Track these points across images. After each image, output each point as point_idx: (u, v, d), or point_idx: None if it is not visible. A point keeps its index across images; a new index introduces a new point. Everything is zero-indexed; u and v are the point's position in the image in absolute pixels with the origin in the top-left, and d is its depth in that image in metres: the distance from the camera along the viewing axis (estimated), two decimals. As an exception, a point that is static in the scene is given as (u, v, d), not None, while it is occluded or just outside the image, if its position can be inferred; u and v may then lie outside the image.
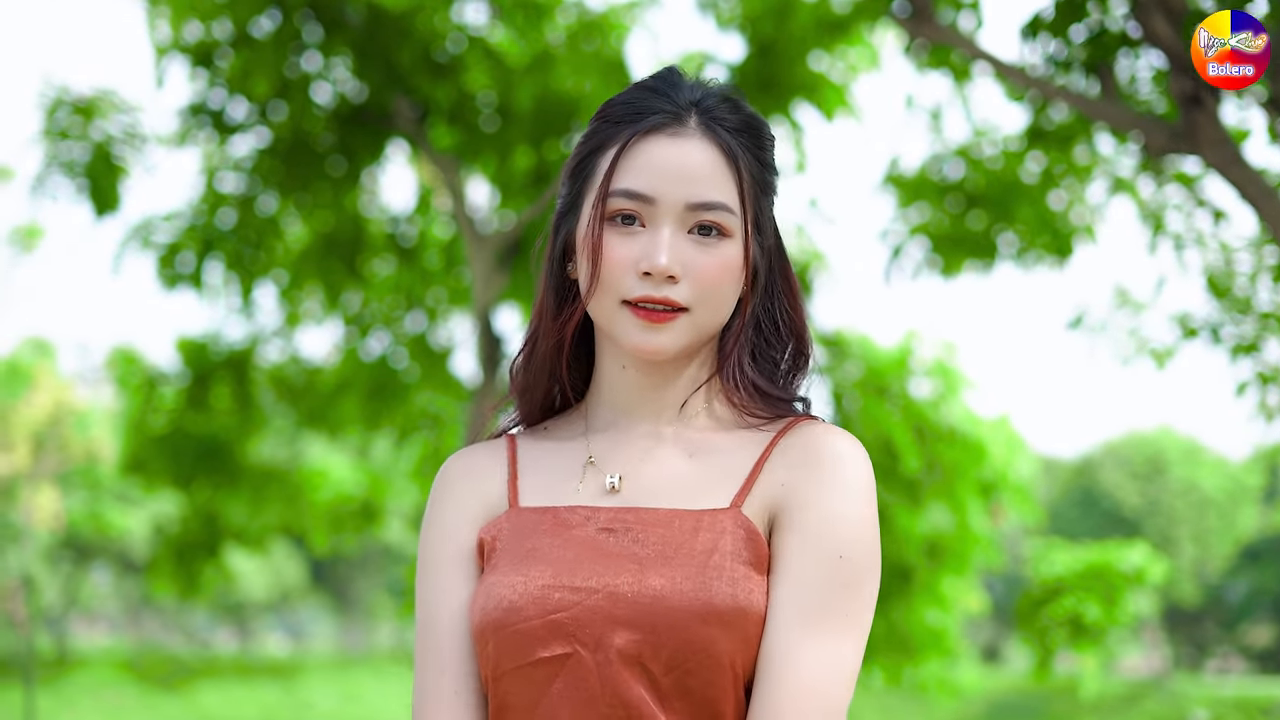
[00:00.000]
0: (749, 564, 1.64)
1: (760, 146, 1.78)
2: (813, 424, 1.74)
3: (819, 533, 1.64)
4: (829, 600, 1.62)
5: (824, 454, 1.68)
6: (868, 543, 1.66)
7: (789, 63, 7.72)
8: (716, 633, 1.62)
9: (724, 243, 1.72)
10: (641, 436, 1.80)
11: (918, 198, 7.66)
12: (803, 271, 9.11)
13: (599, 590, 1.66)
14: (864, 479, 1.68)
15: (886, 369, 8.56)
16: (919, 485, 8.06)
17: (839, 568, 1.63)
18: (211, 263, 9.13)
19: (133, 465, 10.43)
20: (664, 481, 1.74)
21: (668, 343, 1.72)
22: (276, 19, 8.20)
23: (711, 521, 1.67)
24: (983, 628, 40.50)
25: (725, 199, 1.72)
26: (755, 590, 1.63)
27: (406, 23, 8.24)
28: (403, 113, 8.48)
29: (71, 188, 9.03)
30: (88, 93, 9.05)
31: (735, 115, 1.77)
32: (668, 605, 1.62)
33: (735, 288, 1.75)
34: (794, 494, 1.67)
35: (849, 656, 1.62)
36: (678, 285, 1.71)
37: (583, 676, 1.65)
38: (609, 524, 1.72)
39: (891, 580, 7.87)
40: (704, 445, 1.76)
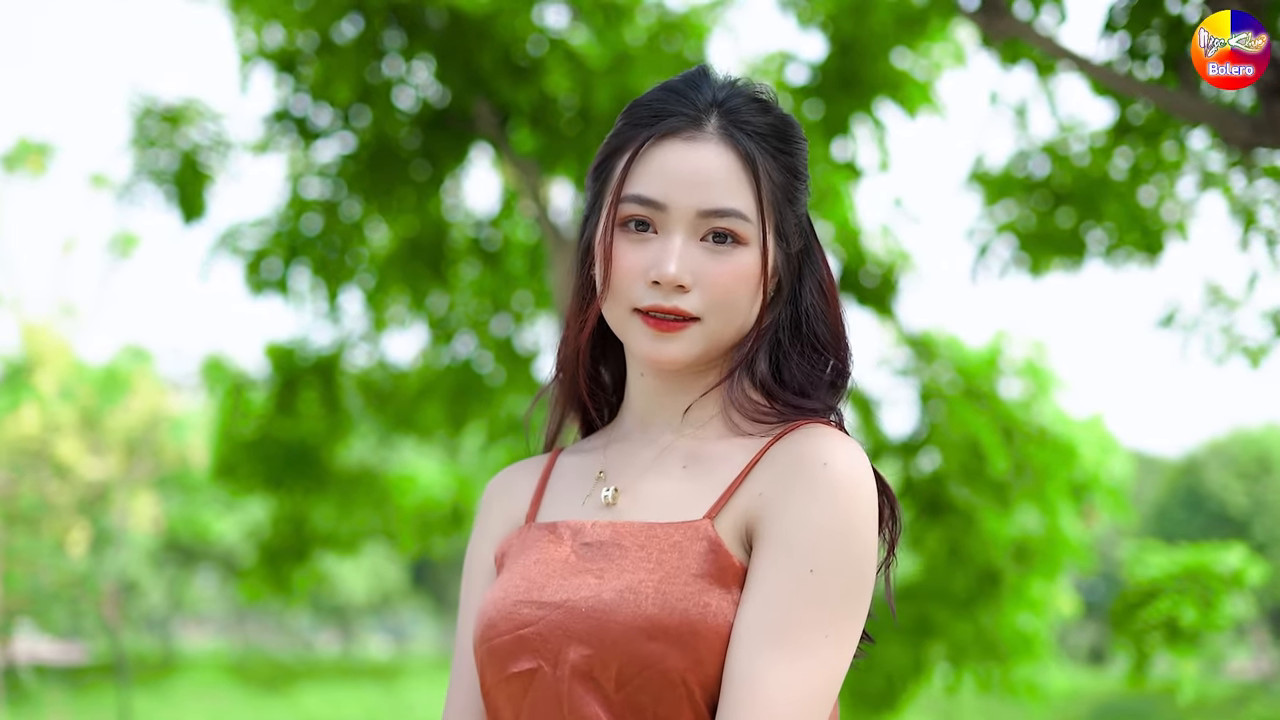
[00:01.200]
0: (708, 578, 1.58)
1: (787, 150, 1.72)
2: (809, 430, 1.65)
3: (789, 545, 1.57)
4: (797, 618, 1.54)
5: (805, 461, 1.60)
6: (845, 556, 1.56)
7: (870, 60, 7.64)
8: (663, 649, 1.57)
9: (739, 250, 1.66)
10: (651, 446, 1.76)
11: (1003, 195, 7.54)
12: (888, 272, 9.02)
13: (560, 606, 1.64)
14: (847, 488, 1.58)
15: (975, 370, 8.45)
16: (1008, 487, 7.94)
17: (809, 583, 1.55)
18: (297, 268, 9.20)
19: (223, 470, 10.52)
20: (656, 493, 1.70)
21: (679, 352, 1.68)
22: (359, 24, 8.24)
23: (678, 534, 1.62)
24: (1086, 630, 40.02)
25: (740, 205, 1.66)
26: (712, 605, 1.56)
27: (487, 26, 8.23)
28: (484, 116, 8.49)
29: (160, 195, 9.15)
30: (175, 101, 9.16)
31: (761, 117, 1.71)
32: (615, 620, 1.59)
33: (752, 296, 1.69)
34: (770, 504, 1.60)
35: (817, 678, 1.53)
36: (688, 294, 1.66)
37: (546, 692, 1.63)
38: (591, 538, 1.69)
39: (980, 584, 7.77)
40: (701, 455, 1.70)
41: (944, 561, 7.88)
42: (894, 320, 8.96)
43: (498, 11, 8.20)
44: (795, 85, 8.11)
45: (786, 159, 1.71)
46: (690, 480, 1.68)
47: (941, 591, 7.81)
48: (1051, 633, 8.27)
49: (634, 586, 1.60)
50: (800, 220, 1.75)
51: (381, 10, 8.09)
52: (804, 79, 8.05)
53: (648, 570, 1.61)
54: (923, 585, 7.91)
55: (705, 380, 1.76)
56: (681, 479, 1.69)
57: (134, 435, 26.97)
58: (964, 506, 7.84)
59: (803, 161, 1.75)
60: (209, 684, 32.86)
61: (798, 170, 1.73)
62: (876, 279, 8.99)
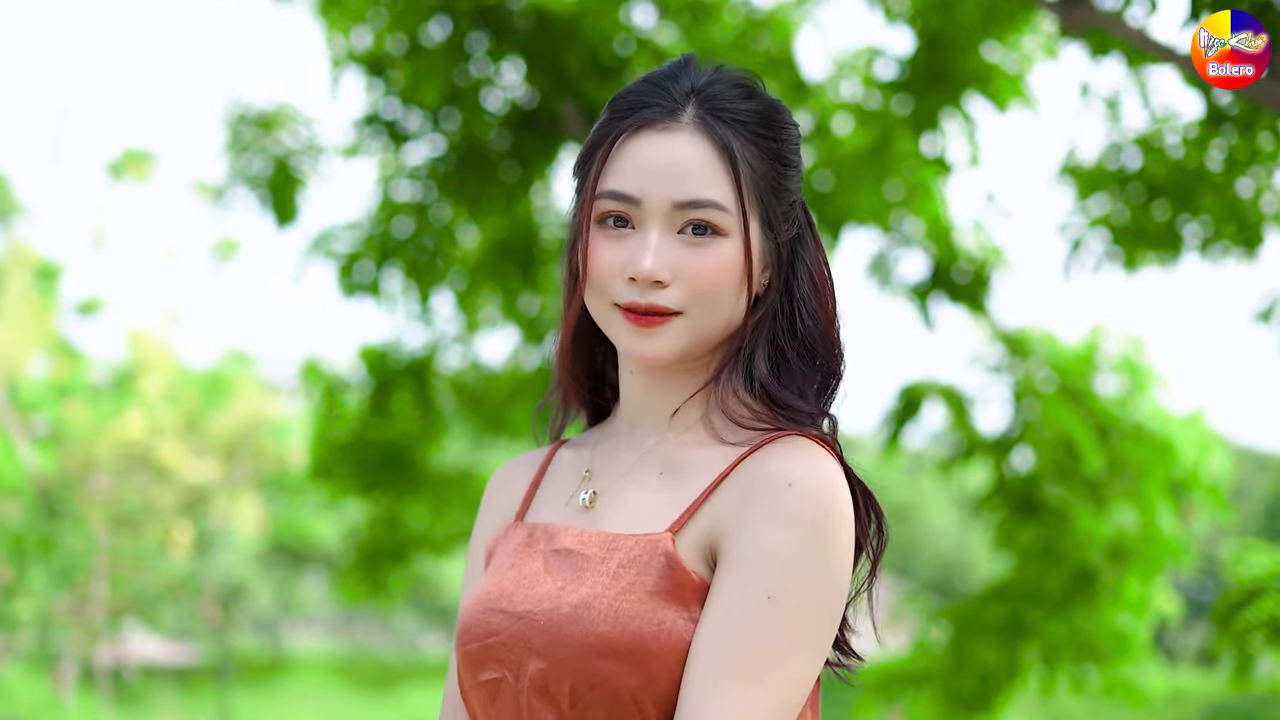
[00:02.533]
0: (664, 595, 1.55)
1: (772, 136, 1.68)
2: (784, 444, 1.60)
3: (747, 569, 1.53)
4: (752, 646, 1.50)
5: (770, 480, 1.56)
6: (804, 584, 1.52)
7: (958, 54, 7.55)
8: (614, 667, 1.54)
9: (719, 242, 1.63)
10: (635, 449, 1.73)
11: (1096, 189, 7.43)
12: (980, 268, 8.92)
13: (523, 617, 1.62)
14: (811, 511, 1.54)
15: (1071, 366, 8.33)
16: (1104, 486, 7.82)
17: (765, 611, 1.51)
18: (389, 271, 9.25)
19: (319, 472, 10.62)
20: (631, 501, 1.67)
21: (662, 348, 1.65)
22: (446, 27, 8.28)
23: (638, 548, 1.59)
24: (1195, 632, 39.44)
25: (716, 196, 1.62)
26: (666, 623, 1.53)
27: (573, 26, 8.24)
28: (571, 117, 8.50)
29: (254, 199, 9.27)
30: (268, 107, 9.27)
31: (743, 104, 1.68)
32: (568, 636, 1.57)
33: (736, 289, 1.65)
34: (732, 523, 1.56)
35: (770, 707, 1.50)
36: (668, 290, 1.63)
37: (509, 703, 1.62)
38: (561, 545, 1.68)
39: (1075, 583, 7.67)
40: (679, 463, 1.67)
41: (1037, 561, 7.78)
42: (987, 317, 8.86)
43: (584, 12, 8.21)
44: (883, 80, 8.05)
45: (770, 145, 1.68)
46: (664, 490, 1.65)
47: (1035, 591, 7.72)
48: (1150, 633, 8.13)
49: (589, 601, 1.57)
50: (791, 208, 1.70)
51: (468, 12, 8.13)
52: (892, 74, 7.99)
53: (604, 585, 1.58)
54: (1015, 585, 7.82)
55: (694, 381, 1.73)
56: (657, 487, 1.66)
57: (234, 438, 27.34)
58: (1058, 505, 7.73)
59: (791, 148, 1.72)
60: (317, 685, 33.23)
61: (784, 156, 1.70)
62: (968, 275, 8.89)
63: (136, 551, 27.07)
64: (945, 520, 44.79)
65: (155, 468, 26.32)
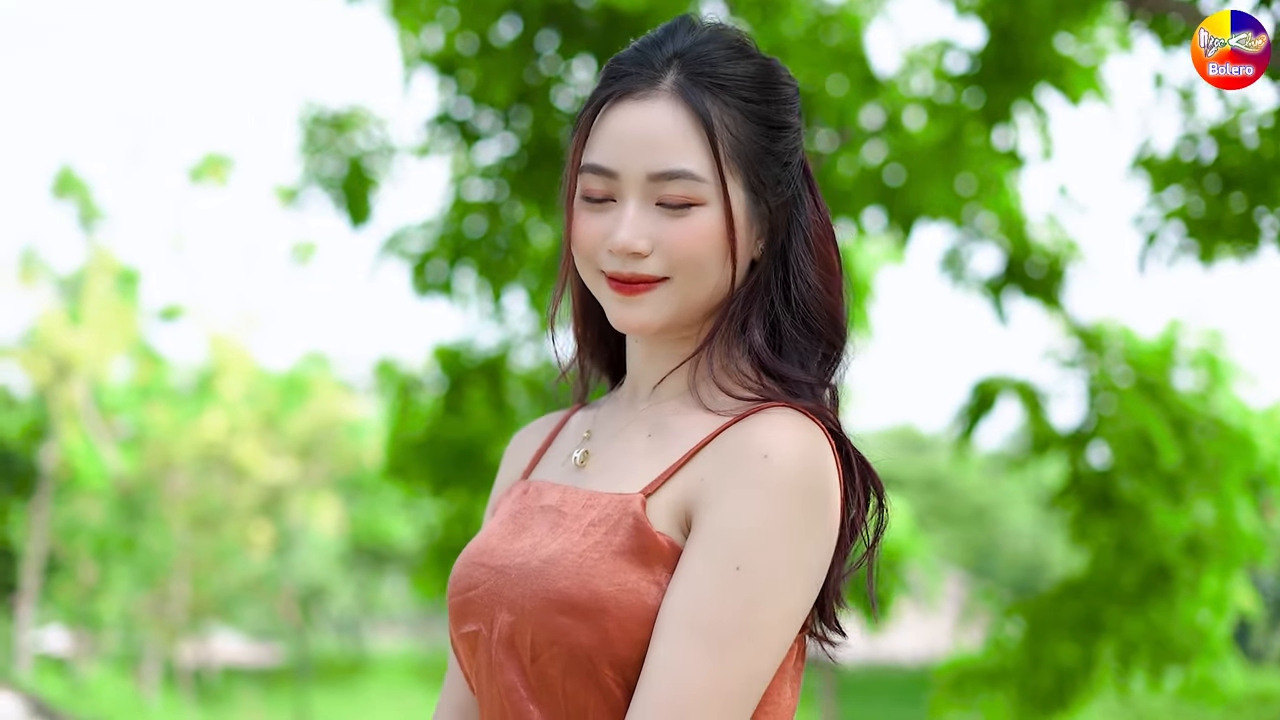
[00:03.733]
0: (628, 556, 1.55)
1: (761, 99, 1.66)
2: (768, 414, 1.59)
3: (719, 538, 1.52)
4: (718, 616, 1.50)
5: (748, 450, 1.55)
6: (774, 557, 1.51)
7: (1030, 46, 7.50)
8: (570, 623, 1.55)
9: (697, 211, 1.62)
10: (630, 411, 1.74)
11: (1171, 181, 7.34)
12: (1054, 262, 8.85)
13: (499, 570, 1.63)
14: (787, 484, 1.53)
15: (1148, 360, 8.25)
16: (1181, 480, 7.73)
17: (734, 581, 1.50)
18: (462, 270, 9.30)
19: (394, 471, 10.68)
20: (617, 461, 1.68)
21: (648, 315, 1.65)
22: (516, 26, 8.31)
23: (611, 507, 1.59)
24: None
25: (690, 166, 1.61)
26: (626, 584, 1.54)
27: (642, 23, 8.25)
28: (640, 114, 8.51)
29: (328, 200, 9.35)
30: (341, 109, 9.35)
31: (730, 66, 1.66)
32: (532, 589, 1.58)
33: (719, 256, 1.64)
34: (708, 491, 1.55)
35: (737, 677, 1.49)
36: (648, 260, 1.62)
37: (484, 655, 1.63)
38: (546, 501, 1.69)
39: (1151, 579, 7.59)
40: (667, 426, 1.67)
41: (1112, 557, 7.70)
42: (1062, 312, 8.79)
43: (652, 9, 8.22)
44: (955, 74, 8.00)
45: (756, 108, 1.65)
46: (648, 453, 1.66)
47: (1110, 587, 7.64)
48: (1231, 632, 8.03)
49: (556, 557, 1.58)
50: (784, 170, 1.68)
51: (538, 11, 8.15)
52: (963, 67, 7.94)
53: (573, 541, 1.59)
54: (1091, 581, 7.75)
55: (688, 348, 1.72)
56: (642, 450, 1.67)
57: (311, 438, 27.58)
58: (1133, 500, 7.65)
59: (783, 109, 1.68)
60: (397, 685, 33.43)
61: (772, 119, 1.67)
62: (1043, 270, 8.83)
63: (216, 551, 27.37)
64: (1025, 520, 44.48)
65: (233, 467, 26.61)
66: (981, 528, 47.28)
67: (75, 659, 33.35)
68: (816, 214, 1.73)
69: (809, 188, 1.73)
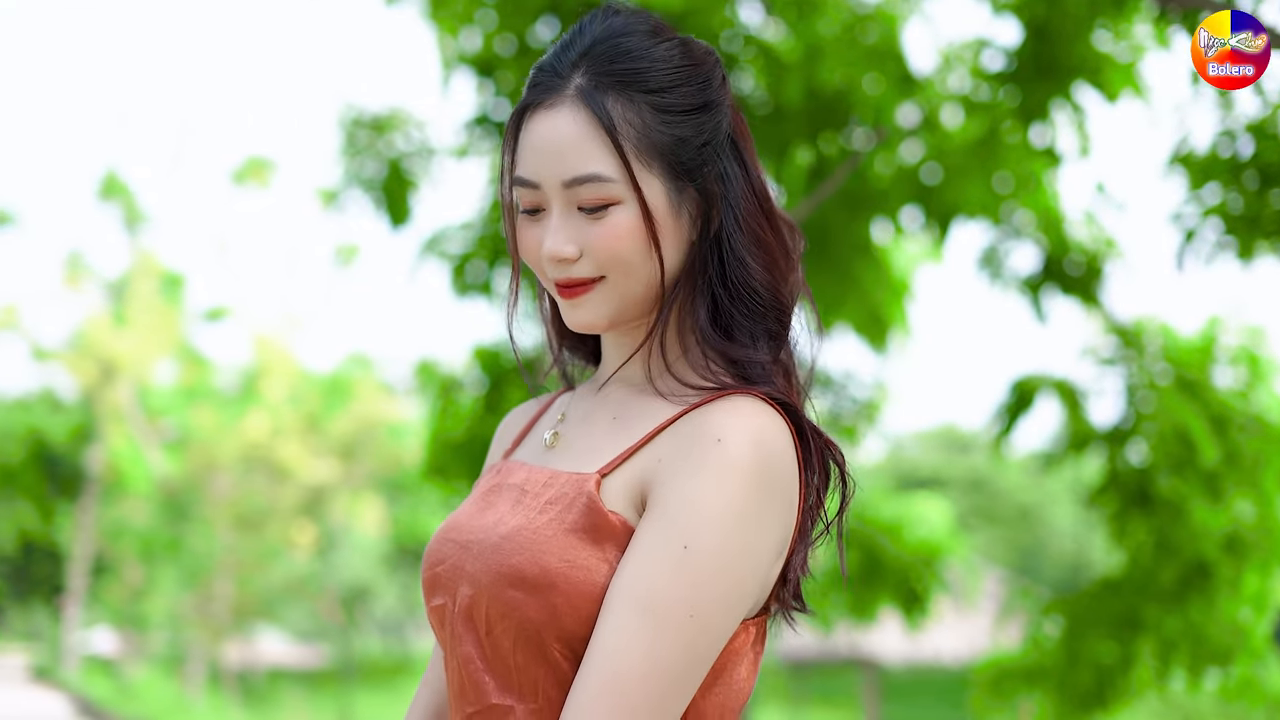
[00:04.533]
0: (579, 533, 1.59)
1: (671, 85, 1.69)
2: (725, 401, 1.62)
3: (669, 519, 1.55)
4: (664, 592, 1.52)
5: (702, 434, 1.58)
6: (722, 539, 1.53)
7: (1066, 44, 7.49)
8: (520, 597, 1.58)
9: (614, 210, 1.65)
10: (598, 394, 1.79)
11: (1209, 178, 7.32)
12: (1092, 259, 8.83)
13: (463, 545, 1.68)
14: (738, 468, 1.55)
15: (1188, 357, 8.23)
16: (1220, 477, 7.70)
17: (682, 560, 1.52)
18: (501, 270, 9.34)
19: (433, 470, 10.72)
20: (580, 443, 1.73)
21: (591, 315, 1.69)
22: (554, 27, 8.35)
23: (568, 486, 1.64)
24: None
25: (596, 168, 1.64)
26: (575, 561, 1.57)
27: (681, 24, 8.27)
28: (678, 114, 8.53)
29: (368, 202, 9.41)
30: (381, 111, 9.41)
31: (635, 59, 1.68)
32: (489, 563, 1.62)
33: (644, 250, 1.66)
34: (662, 473, 1.58)
35: (678, 656, 1.52)
36: (579, 263, 1.66)
37: (448, 628, 1.68)
38: (516, 480, 1.74)
39: (1189, 577, 7.56)
40: (630, 409, 1.72)
41: (1150, 554, 7.68)
42: (1100, 309, 8.77)
43: (691, 9, 8.24)
44: (991, 71, 8.00)
45: (666, 96, 1.68)
46: (610, 434, 1.70)
47: (1148, 586, 7.62)
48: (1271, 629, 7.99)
49: (512, 534, 1.62)
50: (703, 151, 1.70)
51: (575, 12, 8.18)
52: (1000, 65, 7.94)
53: (529, 518, 1.63)
54: (1129, 579, 7.73)
55: (642, 336, 1.76)
56: (605, 432, 1.71)
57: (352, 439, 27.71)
58: (1172, 497, 7.63)
59: (696, 89, 1.71)
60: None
61: (685, 103, 1.69)
62: (1081, 267, 8.81)
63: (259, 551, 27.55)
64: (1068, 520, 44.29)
65: (276, 468, 26.77)
66: (1026, 528, 47.12)
67: (121, 660, 33.60)
68: (748, 188, 1.73)
69: (740, 162, 1.74)
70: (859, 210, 8.93)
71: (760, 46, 8.40)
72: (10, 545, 42.98)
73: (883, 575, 9.91)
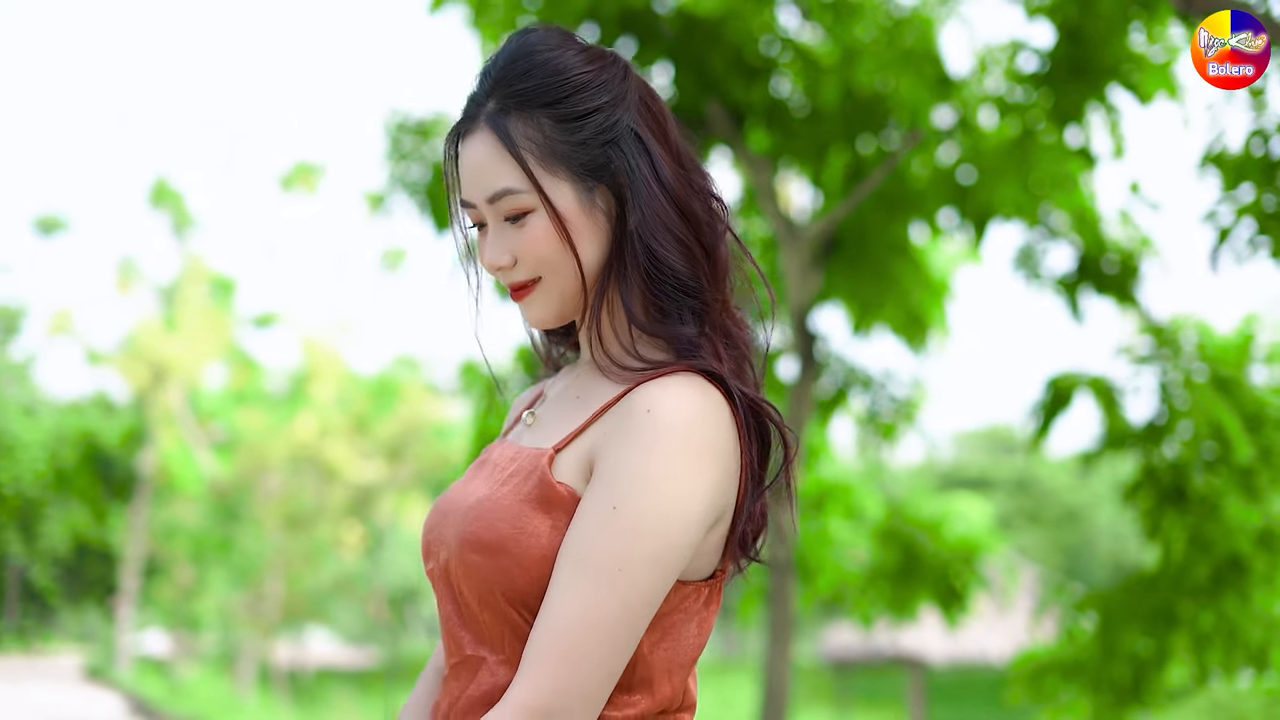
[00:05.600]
0: (532, 502, 1.76)
1: (562, 97, 1.85)
2: (661, 379, 1.77)
3: (602, 484, 1.71)
4: (596, 551, 1.68)
5: (636, 407, 1.73)
6: (648, 499, 1.68)
7: (1098, 46, 7.56)
8: (479, 559, 1.77)
9: (530, 218, 1.83)
10: (570, 378, 1.97)
11: (1243, 178, 7.36)
12: (1127, 257, 8.89)
13: (445, 514, 1.89)
14: (666, 434, 1.70)
15: (1224, 355, 8.26)
16: (1256, 473, 7.75)
17: (611, 519, 1.68)
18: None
19: (477, 470, 10.86)
20: (548, 422, 1.91)
21: (537, 313, 1.89)
22: (594, 33, 8.46)
23: (528, 461, 1.81)
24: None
25: (506, 183, 1.83)
26: (526, 528, 1.74)
27: (719, 29, 8.38)
28: (718, 118, 8.64)
29: (414, 206, 9.54)
30: (426, 116, 9.55)
31: (528, 80, 1.85)
32: (458, 529, 1.82)
33: (561, 249, 1.84)
34: (604, 446, 1.75)
35: (611, 607, 1.67)
36: (515, 269, 1.85)
37: (435, 588, 1.89)
38: (495, 456, 1.93)
39: (1223, 572, 7.61)
40: (590, 390, 1.89)
41: (1184, 550, 7.73)
42: (1137, 308, 8.83)
43: (729, 14, 8.34)
44: (1026, 73, 8.07)
45: (557, 108, 1.84)
46: (570, 412, 1.88)
47: (1182, 581, 7.67)
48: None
49: (477, 504, 1.81)
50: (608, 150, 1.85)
51: (614, 18, 8.29)
52: (1035, 67, 8.01)
53: (494, 489, 1.82)
54: (1164, 574, 7.78)
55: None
56: (567, 410, 1.89)
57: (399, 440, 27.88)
58: (1206, 493, 7.69)
59: (585, 96, 1.85)
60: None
61: (575, 110, 1.85)
62: (1117, 266, 8.87)
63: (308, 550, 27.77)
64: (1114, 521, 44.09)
65: (324, 469, 26.99)
66: (1073, 528, 46.92)
67: (173, 660, 33.89)
68: (654, 178, 1.86)
69: (646, 154, 1.86)
70: (896, 211, 9.02)
71: (797, 50, 8.50)
72: (64, 547, 43.44)
73: (921, 572, 10.00)
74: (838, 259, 9.24)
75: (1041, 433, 8.22)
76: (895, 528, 10.26)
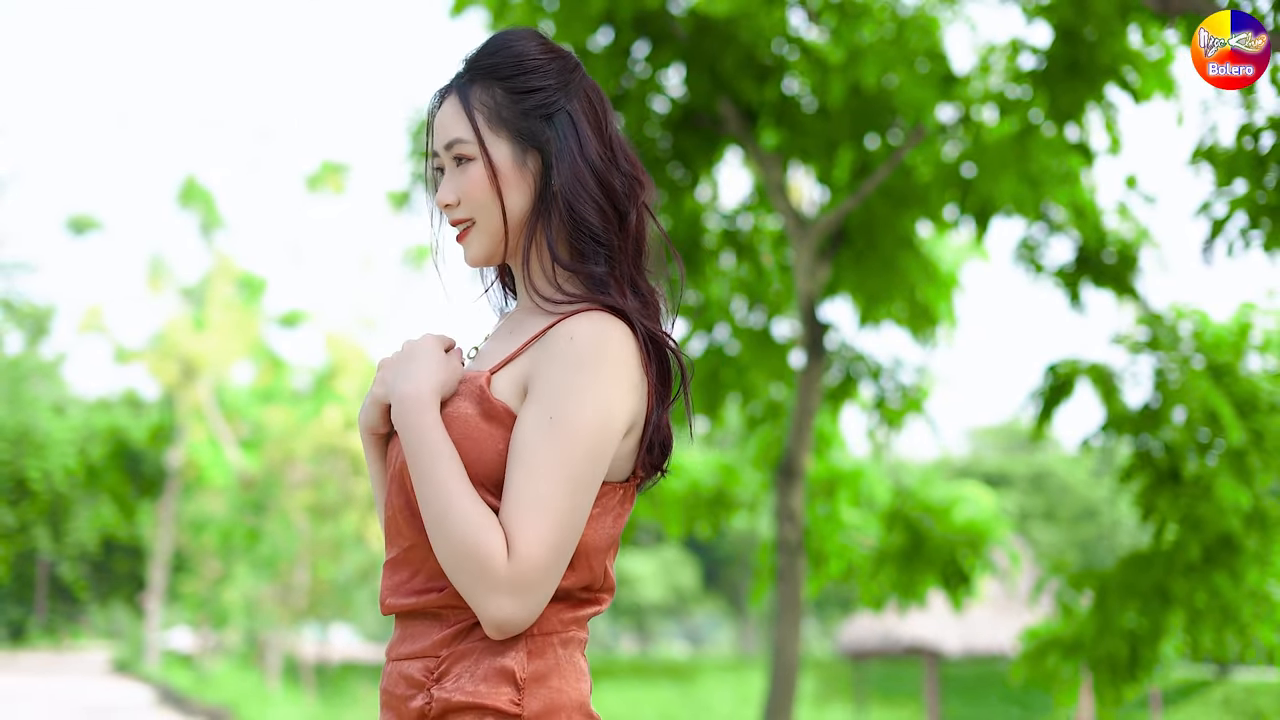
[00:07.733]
0: (478, 414, 2.14)
1: (515, 74, 2.27)
2: (583, 314, 2.14)
3: (537, 399, 2.10)
4: (535, 451, 2.07)
5: (559, 336, 2.12)
6: (578, 408, 2.07)
7: (1095, 46, 7.80)
8: None
9: (471, 165, 2.24)
10: (506, 318, 2.37)
11: (1235, 173, 7.60)
12: (1127, 250, 9.14)
13: None
14: (586, 355, 2.10)
15: (1221, 343, 8.45)
16: (1248, 456, 7.96)
17: (546, 427, 2.07)
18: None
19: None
20: (491, 350, 2.29)
21: (473, 252, 2.29)
22: (610, 36, 8.72)
23: (470, 382, 2.19)
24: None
25: (459, 133, 2.23)
26: (474, 431, 2.13)
27: (730, 30, 8.64)
28: (730, 116, 8.90)
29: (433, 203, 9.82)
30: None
31: (491, 58, 2.28)
32: None
33: (492, 195, 2.23)
34: (535, 369, 2.13)
35: (547, 498, 2.05)
36: (458, 208, 2.25)
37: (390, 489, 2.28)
38: None
39: (1217, 550, 7.84)
40: (522, 324, 2.27)
41: (1178, 529, 7.94)
42: (1135, 298, 9.05)
43: (741, 15, 8.59)
44: (1025, 71, 8.30)
45: (510, 81, 2.26)
46: (505, 343, 2.25)
47: (1176, 559, 7.88)
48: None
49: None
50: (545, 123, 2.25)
51: (630, 21, 8.55)
52: (1034, 65, 8.24)
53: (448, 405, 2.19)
54: (1158, 554, 7.99)
55: None
56: (503, 342, 2.27)
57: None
58: (1199, 475, 7.92)
59: (533, 77, 2.27)
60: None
61: (524, 87, 2.26)
62: (1115, 258, 9.10)
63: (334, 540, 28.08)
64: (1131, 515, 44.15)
65: (350, 460, 27.32)
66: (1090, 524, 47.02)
67: (200, 656, 34.24)
68: (580, 153, 2.26)
69: (576, 134, 2.26)
70: (902, 205, 9.29)
71: (805, 49, 8.77)
72: (93, 543, 43.87)
73: (927, 555, 10.26)
74: (846, 252, 9.52)
75: (1043, 419, 8.42)
76: (902, 511, 10.52)
